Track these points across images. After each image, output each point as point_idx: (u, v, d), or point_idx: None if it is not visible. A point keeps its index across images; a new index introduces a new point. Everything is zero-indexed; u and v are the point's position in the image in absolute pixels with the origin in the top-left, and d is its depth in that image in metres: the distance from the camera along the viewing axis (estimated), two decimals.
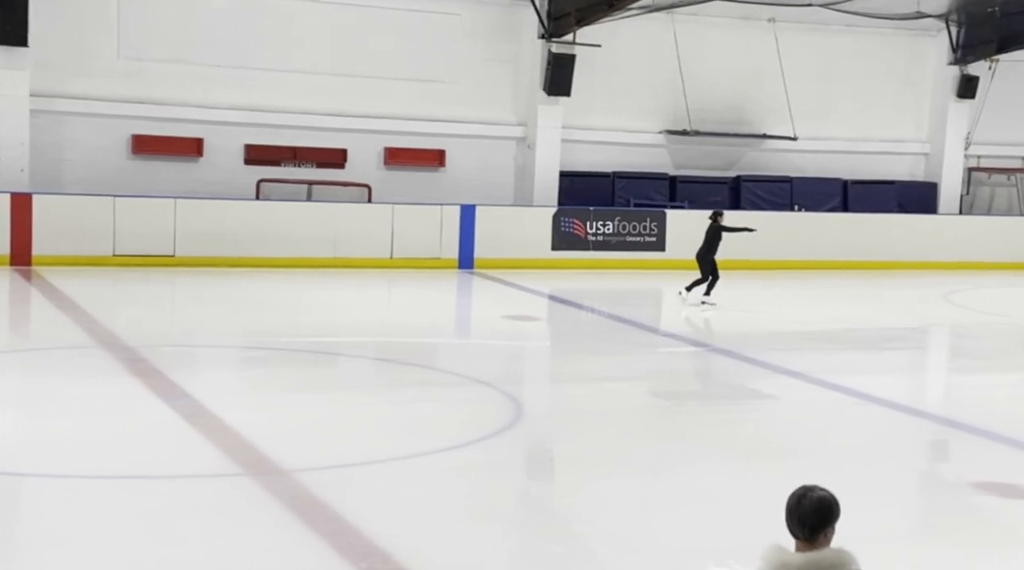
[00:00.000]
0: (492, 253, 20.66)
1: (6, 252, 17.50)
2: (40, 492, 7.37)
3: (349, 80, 21.15)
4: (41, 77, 18.78)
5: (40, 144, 18.89)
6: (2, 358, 11.73)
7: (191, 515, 6.94)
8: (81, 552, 6.17)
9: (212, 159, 20.36)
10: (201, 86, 20.17)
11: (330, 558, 6.30)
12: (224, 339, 13.28)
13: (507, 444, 9.11)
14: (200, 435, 8.68)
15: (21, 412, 9.68)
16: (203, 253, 18.70)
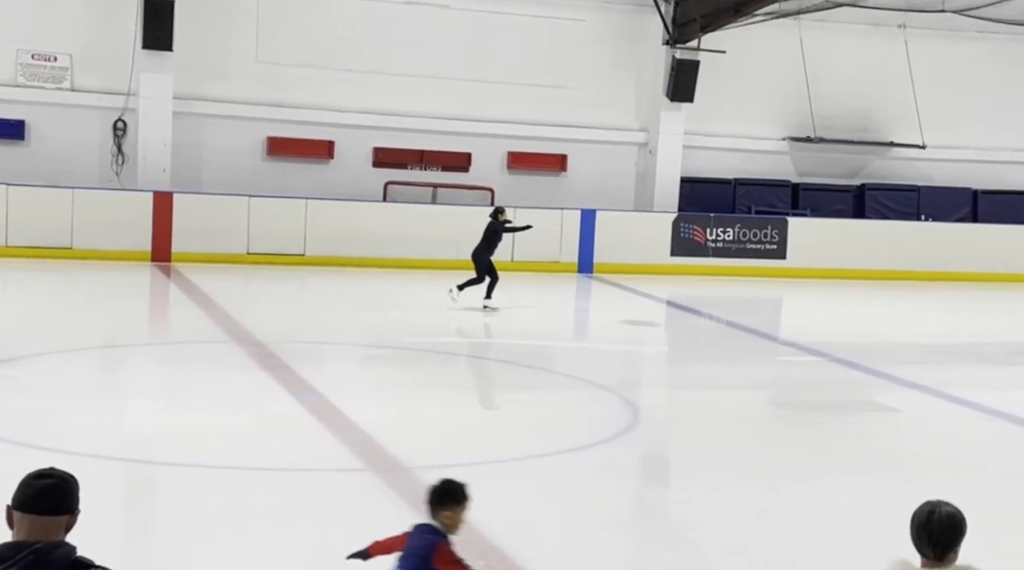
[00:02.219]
0: (611, 258, 20.61)
1: (148, 248, 18.12)
2: (175, 481, 7.61)
3: (475, 85, 21.35)
4: (184, 81, 19.41)
5: (181, 145, 19.51)
6: (143, 351, 12.16)
7: (316, 508, 7.09)
8: (211, 540, 6.36)
9: (342, 161, 20.76)
10: (333, 90, 20.59)
11: None
12: (350, 337, 13.52)
13: (624, 449, 9.08)
14: (326, 430, 8.86)
15: (159, 403, 10.02)
16: (332, 253, 19.08)
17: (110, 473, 7.49)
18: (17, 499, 2.82)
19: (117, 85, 19.16)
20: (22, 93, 18.78)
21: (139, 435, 8.76)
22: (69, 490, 2.86)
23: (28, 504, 2.79)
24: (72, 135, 19.03)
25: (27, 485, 2.83)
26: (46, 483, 2.82)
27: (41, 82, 18.94)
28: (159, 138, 19.17)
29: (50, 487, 2.81)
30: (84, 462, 7.33)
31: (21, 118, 18.75)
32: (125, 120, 19.28)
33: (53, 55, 18.97)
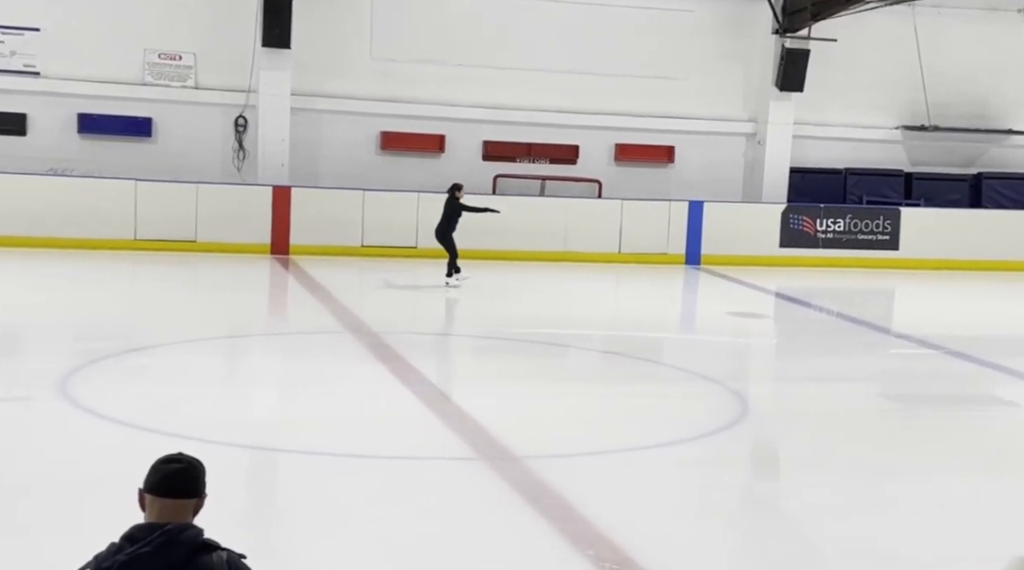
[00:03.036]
0: (719, 249, 20.42)
1: (267, 241, 18.57)
2: (295, 468, 7.83)
3: (583, 78, 21.34)
4: (301, 78, 19.82)
5: (299, 140, 19.92)
6: (263, 341, 12.50)
7: (429, 495, 7.23)
8: (327, 525, 6.52)
9: (453, 155, 20.97)
10: (445, 85, 20.80)
11: (559, 543, 6.44)
12: (461, 328, 13.70)
13: (732, 441, 9.03)
14: (438, 419, 9.00)
15: (279, 392, 10.30)
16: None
17: (233, 459, 7.74)
18: (148, 483, 2.93)
19: (238, 82, 19.65)
20: (149, 91, 19.39)
21: (260, 423, 9.02)
22: (196, 475, 2.96)
23: (158, 488, 2.91)
24: (196, 132, 19.58)
25: (157, 469, 2.95)
26: (174, 468, 2.93)
27: (167, 81, 19.52)
28: (278, 134, 19.61)
29: (178, 472, 2.93)
30: (209, 448, 7.59)
31: (149, 116, 19.36)
32: (246, 116, 19.77)
33: (178, 54, 19.54)
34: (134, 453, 7.33)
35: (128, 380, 10.00)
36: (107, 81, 19.12)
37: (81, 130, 19.00)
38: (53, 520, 6.31)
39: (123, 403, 8.87)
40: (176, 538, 2.82)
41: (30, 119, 18.80)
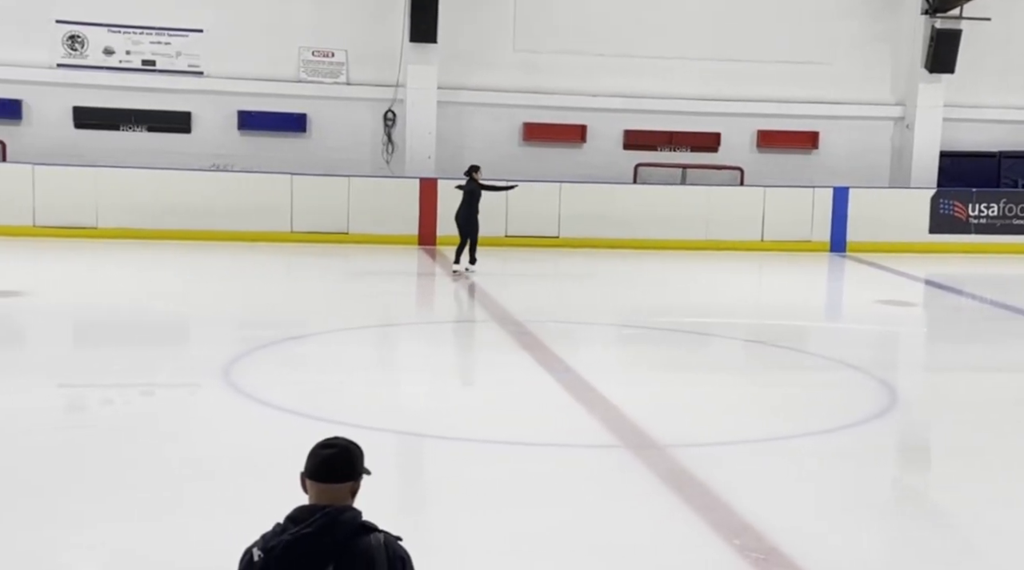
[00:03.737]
0: (866, 236, 19.89)
1: (415, 232, 18.90)
2: (443, 453, 7.98)
3: (724, 64, 21.04)
4: (447, 71, 20.09)
5: (445, 133, 20.21)
6: (412, 329, 12.75)
7: (575, 482, 7.28)
8: (474, 510, 6.63)
9: (594, 145, 20.95)
10: (586, 75, 20.79)
11: (703, 531, 6.40)
12: (603, 317, 13.69)
13: (879, 431, 8.82)
14: (582, 407, 9.03)
15: (427, 379, 10.50)
16: (584, 234, 19.33)
17: (384, 444, 7.94)
18: (307, 467, 3.03)
19: (387, 77, 20.03)
20: (304, 88, 19.93)
21: (410, 409, 9.21)
22: (350, 459, 3.03)
23: (315, 473, 3.00)
24: (347, 126, 20.05)
25: (314, 454, 3.03)
26: (329, 453, 3.01)
27: (320, 77, 20.04)
28: (424, 127, 19.92)
29: (332, 457, 3.01)
30: (362, 433, 7.78)
31: (303, 112, 19.90)
32: (394, 110, 20.14)
33: (331, 51, 20.03)
34: (292, 437, 7.60)
35: (286, 367, 10.34)
36: (265, 79, 19.73)
37: (241, 127, 19.66)
38: (217, 501, 6.59)
39: (281, 389, 9.18)
40: (336, 520, 2.91)
41: (194, 117, 19.54)
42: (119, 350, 10.55)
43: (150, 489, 6.67)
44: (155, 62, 19.38)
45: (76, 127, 18.97)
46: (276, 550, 2.87)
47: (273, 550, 2.87)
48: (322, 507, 2.94)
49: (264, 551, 2.87)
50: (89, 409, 8.78)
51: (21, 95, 18.76)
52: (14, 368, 9.81)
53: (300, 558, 2.86)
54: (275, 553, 2.87)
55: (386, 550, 2.95)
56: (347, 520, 2.94)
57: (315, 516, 2.91)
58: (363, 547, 2.91)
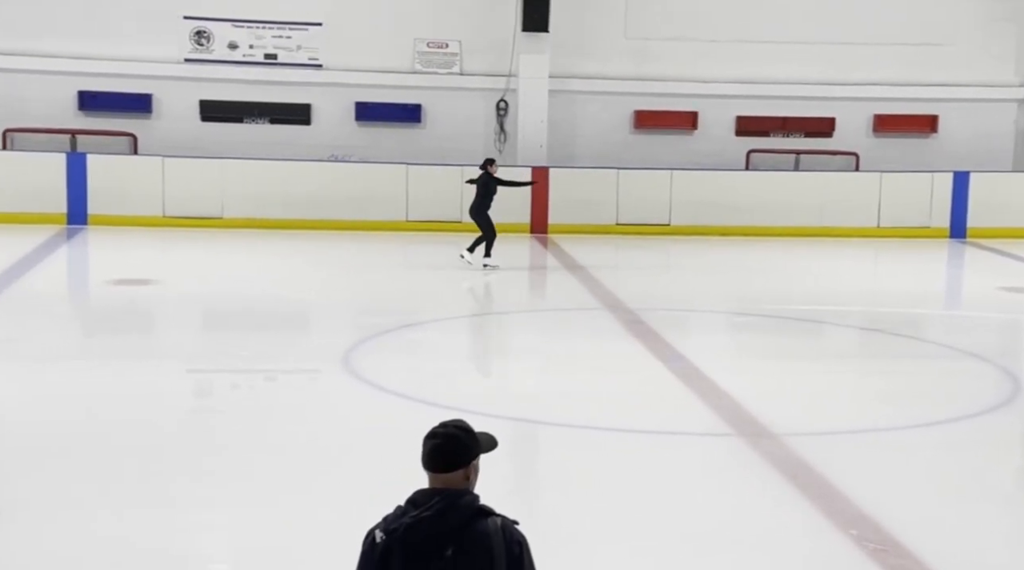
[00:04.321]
0: (987, 222, 19.25)
1: (527, 221, 18.96)
2: (557, 440, 8.01)
3: (839, 48, 20.56)
4: (558, 60, 20.08)
5: (556, 121, 20.21)
6: (525, 317, 12.81)
7: (687, 470, 7.24)
8: (587, 496, 6.65)
9: (705, 131, 20.71)
10: (698, 61, 20.55)
11: (818, 520, 6.31)
12: (715, 305, 13.55)
13: (1001, 421, 8.55)
14: (694, 395, 8.97)
15: (540, 367, 10.54)
16: (696, 222, 19.13)
17: (498, 431, 7.98)
18: (421, 456, 3.06)
19: (500, 67, 20.11)
20: (419, 79, 20.14)
21: (523, 396, 9.27)
22: (456, 448, 3.02)
23: (425, 462, 3.04)
24: (461, 116, 20.19)
25: (424, 444, 3.06)
26: (434, 444, 3.03)
27: (435, 68, 20.22)
28: (536, 116, 19.95)
29: (437, 447, 3.02)
30: (476, 419, 7.86)
31: (418, 102, 20.12)
32: (506, 100, 20.21)
33: (445, 42, 20.20)
34: (409, 422, 7.71)
35: (402, 354, 10.49)
36: (381, 70, 19.99)
37: (358, 118, 19.96)
38: (338, 484, 6.73)
39: (398, 375, 9.32)
40: (454, 503, 2.95)
41: (314, 109, 19.91)
42: (244, 337, 10.85)
43: (274, 473, 6.86)
44: (276, 56, 19.80)
45: (202, 120, 19.50)
46: (398, 532, 2.92)
47: (395, 532, 2.93)
48: (440, 491, 2.98)
49: (386, 533, 2.93)
50: (216, 394, 9.05)
51: (151, 89, 19.36)
52: (146, 354, 10.17)
53: (420, 541, 2.91)
54: (396, 535, 2.92)
55: (503, 534, 2.98)
56: (465, 504, 2.97)
57: (433, 500, 2.95)
58: (481, 530, 2.94)
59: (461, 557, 2.92)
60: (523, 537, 3.04)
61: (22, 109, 18.81)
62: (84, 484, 6.50)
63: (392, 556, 2.93)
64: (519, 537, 3.03)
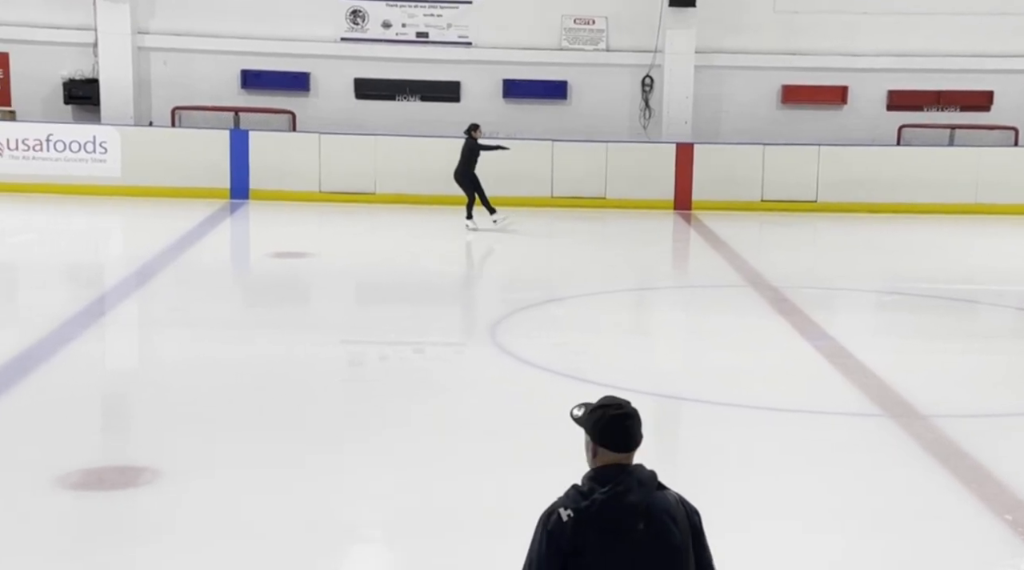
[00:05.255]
0: None
1: (671, 197, 18.74)
2: (701, 417, 7.92)
3: (995, 19, 19.60)
4: (705, 35, 19.73)
5: (701, 97, 19.87)
6: (667, 293, 12.69)
7: (833, 450, 7.07)
8: (730, 476, 6.55)
9: (855, 106, 20.06)
10: (848, 34, 19.90)
11: (973, 504, 6.09)
12: (863, 283, 13.15)
13: None
14: (840, 375, 8.75)
15: (683, 343, 10.44)
16: (844, 198, 18.57)
17: (640, 407, 7.94)
18: (606, 438, 2.99)
19: (645, 43, 19.87)
20: (565, 56, 20.06)
21: (665, 372, 9.20)
22: (638, 427, 3.05)
23: (620, 443, 2.99)
24: (606, 93, 20.05)
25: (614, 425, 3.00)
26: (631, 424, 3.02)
27: (581, 44, 20.12)
28: (681, 92, 19.67)
29: (633, 427, 3.01)
30: (619, 395, 7.86)
31: (564, 79, 20.06)
32: (652, 76, 19.98)
33: (592, 19, 20.06)
34: (553, 396, 7.76)
35: (547, 328, 10.52)
36: (528, 47, 20.00)
37: (505, 95, 20.03)
38: (484, 453, 6.81)
39: (543, 350, 9.36)
40: (642, 478, 2.98)
41: (463, 86, 20.07)
42: (394, 309, 11.06)
43: (423, 442, 6.98)
44: (428, 34, 20.02)
45: (357, 98, 19.88)
46: (592, 508, 2.92)
47: (589, 509, 2.92)
48: (624, 467, 2.98)
49: (575, 511, 2.91)
50: (368, 364, 9.26)
51: (309, 68, 19.83)
52: (302, 324, 10.47)
53: (615, 517, 2.92)
54: (591, 511, 2.92)
55: (683, 506, 3.04)
56: (649, 478, 3.00)
57: (620, 476, 2.96)
58: (665, 504, 2.99)
59: (652, 529, 2.94)
60: (696, 508, 3.09)
61: (190, 88, 19.53)
62: (243, 448, 6.74)
63: (584, 533, 2.92)
64: (695, 508, 3.09)
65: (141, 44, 19.40)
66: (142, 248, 14.01)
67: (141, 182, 17.96)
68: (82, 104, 19.23)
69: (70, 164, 17.95)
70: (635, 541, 2.93)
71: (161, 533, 5.50)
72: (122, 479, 6.16)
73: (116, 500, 5.96)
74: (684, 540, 3.00)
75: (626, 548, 2.92)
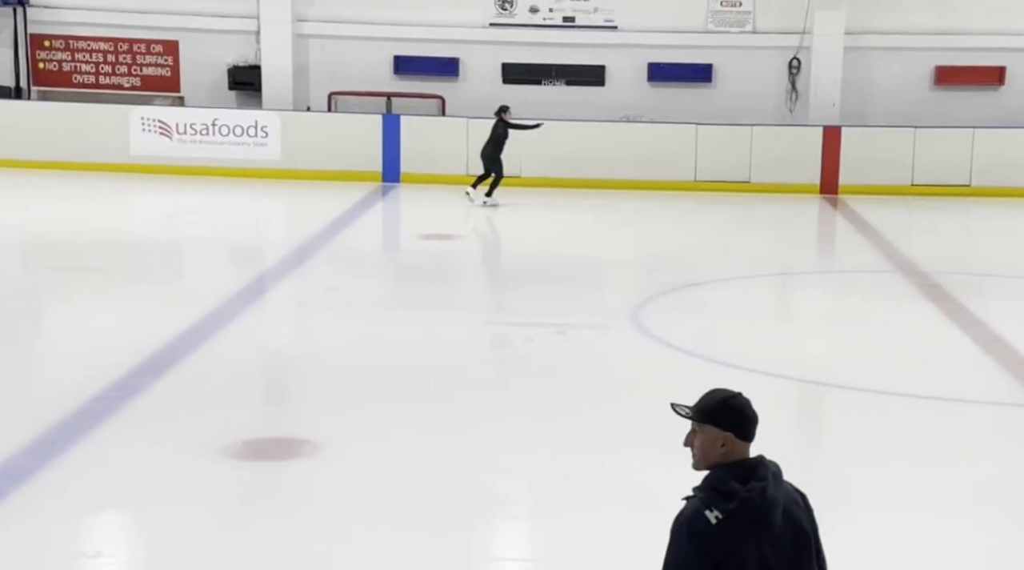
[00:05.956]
0: None
1: (817, 181, 18.26)
2: (846, 403, 7.74)
3: None
4: (854, 15, 19.12)
5: (850, 79, 19.28)
6: (812, 278, 12.40)
7: (988, 439, 6.84)
8: (878, 464, 6.38)
9: (1013, 87, 19.13)
10: (1006, 12, 18.99)
11: None
12: (1019, 269, 12.58)
13: None
14: (994, 362, 8.43)
15: (828, 328, 10.20)
16: (1000, 183, 17.77)
17: (786, 393, 7.83)
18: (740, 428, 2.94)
19: (793, 25, 19.37)
20: (710, 38, 19.73)
21: (810, 357, 9.01)
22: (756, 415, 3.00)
23: (748, 432, 2.95)
24: (751, 75, 19.64)
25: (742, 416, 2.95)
26: (752, 413, 2.96)
27: (727, 27, 19.76)
28: (830, 74, 19.12)
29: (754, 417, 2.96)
30: (762, 379, 7.76)
31: (709, 62, 19.73)
32: (799, 58, 19.48)
33: (738, 1, 19.68)
34: (695, 379, 7.67)
35: (689, 311, 10.43)
36: (674, 31, 19.74)
37: (650, 79, 19.83)
38: (619, 434, 6.80)
39: (685, 333, 9.29)
40: (777, 470, 2.95)
41: (608, 70, 19.96)
42: (537, 291, 11.13)
43: (566, 420, 7.03)
44: (574, 18, 19.98)
45: (504, 82, 20.00)
46: (741, 507, 2.86)
47: (740, 508, 2.86)
48: (760, 460, 2.95)
49: (723, 512, 2.86)
50: (511, 345, 9.35)
51: (458, 54, 20.04)
52: (450, 304, 10.65)
53: (763, 513, 2.88)
54: (743, 510, 2.86)
55: (797, 492, 3.01)
56: (779, 469, 2.96)
57: (760, 470, 2.92)
58: (792, 491, 2.98)
59: (791, 518, 2.93)
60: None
61: (345, 73, 19.98)
62: (395, 422, 6.92)
63: (736, 534, 2.87)
64: (803, 492, 3.05)
65: (300, 31, 19.94)
66: (299, 229, 14.46)
67: (298, 165, 18.51)
68: (245, 90, 19.91)
69: (233, 147, 18.62)
70: (777, 535, 2.90)
71: (316, 503, 5.70)
72: (282, 451, 6.40)
73: (275, 471, 6.20)
74: (814, 529, 3.00)
75: (771, 542, 2.89)
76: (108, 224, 14.52)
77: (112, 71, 19.87)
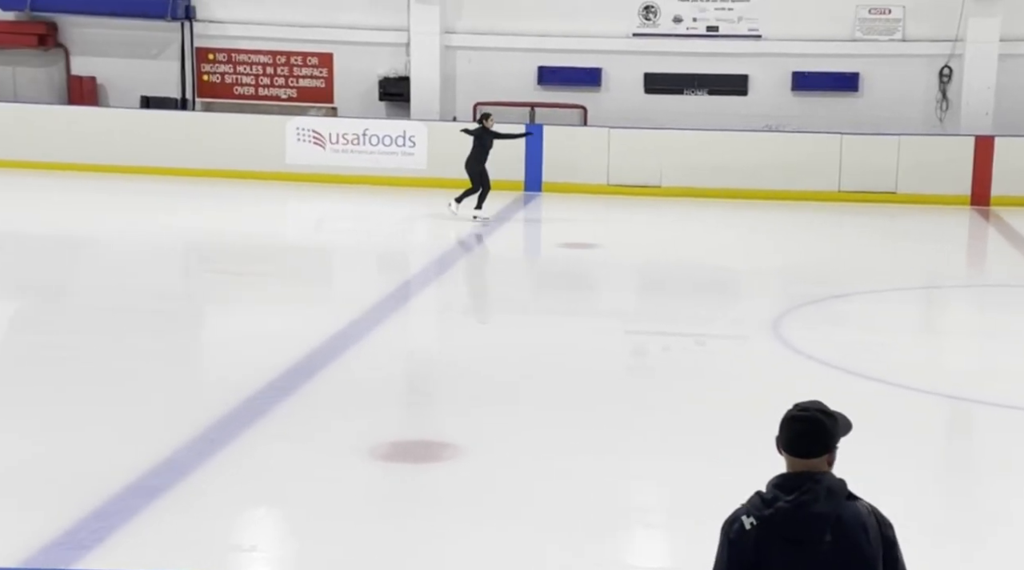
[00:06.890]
0: None
1: (967, 192, 17.57)
2: (994, 420, 7.45)
3: None
4: (1011, 22, 18.36)
5: (1005, 87, 18.51)
6: (960, 292, 11.96)
7: None
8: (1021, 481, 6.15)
9: None
10: None
11: None
12: None
13: None
14: None
15: (977, 343, 9.82)
16: None
17: (932, 409, 7.58)
18: (782, 439, 2.91)
19: (945, 32, 18.73)
20: (857, 47, 19.23)
21: (957, 372, 8.70)
22: (820, 433, 2.88)
23: (788, 446, 2.90)
24: (900, 84, 19.06)
25: (787, 427, 2.91)
26: (800, 429, 2.88)
27: (875, 35, 19.23)
28: (983, 82, 18.40)
29: (803, 433, 2.87)
30: (907, 395, 7.54)
31: (856, 71, 19.23)
32: (951, 66, 18.81)
33: (887, 8, 19.13)
34: (835, 393, 7.50)
35: (831, 324, 10.20)
36: (819, 39, 19.32)
37: (794, 88, 19.45)
38: (754, 445, 6.69)
39: (827, 345, 9.09)
40: (829, 488, 2.83)
41: (751, 79, 19.66)
42: (677, 300, 11.06)
43: (703, 431, 6.98)
44: (718, 28, 19.75)
45: (646, 92, 19.92)
46: (776, 517, 2.81)
47: (772, 517, 2.82)
48: (811, 475, 2.85)
49: (758, 519, 2.83)
50: (650, 354, 9.33)
51: (601, 64, 20.06)
52: (589, 313, 10.68)
53: (799, 525, 2.80)
54: (775, 520, 2.81)
55: (875, 517, 2.87)
56: (838, 488, 2.85)
57: (806, 485, 2.83)
58: (855, 514, 2.84)
59: (841, 541, 2.81)
60: (891, 522, 2.91)
61: (490, 84, 20.23)
62: (534, 428, 6.99)
63: (767, 542, 2.82)
64: (889, 520, 2.91)
65: (448, 43, 20.30)
66: (443, 237, 14.72)
67: (444, 174, 18.81)
68: (394, 100, 20.38)
69: (382, 157, 19.08)
70: (821, 553, 2.79)
71: (457, 506, 5.81)
72: (427, 453, 6.56)
73: (418, 472, 6.35)
74: (875, 553, 2.83)
75: (811, 560, 2.79)
76: (264, 230, 15.08)
77: (271, 83, 20.62)
